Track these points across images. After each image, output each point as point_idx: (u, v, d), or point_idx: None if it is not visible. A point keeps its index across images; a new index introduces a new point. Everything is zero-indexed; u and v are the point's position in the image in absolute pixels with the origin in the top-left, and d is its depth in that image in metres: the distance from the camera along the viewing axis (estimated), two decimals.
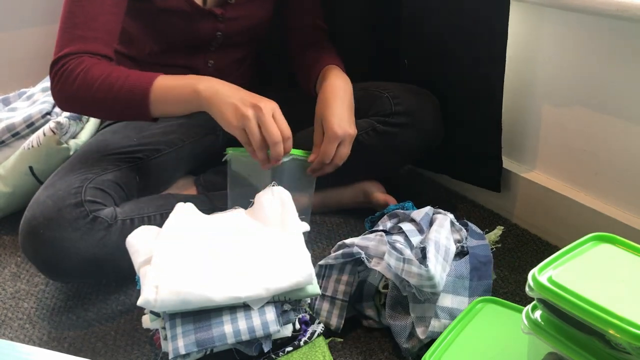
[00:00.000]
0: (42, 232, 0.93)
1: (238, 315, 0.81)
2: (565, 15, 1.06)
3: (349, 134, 1.05)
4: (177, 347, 0.78)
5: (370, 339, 0.93)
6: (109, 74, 0.99)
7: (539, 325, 0.70)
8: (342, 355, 0.90)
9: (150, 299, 0.77)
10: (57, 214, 0.94)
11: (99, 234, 0.96)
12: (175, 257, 0.84)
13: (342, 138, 1.04)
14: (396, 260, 0.87)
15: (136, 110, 1.00)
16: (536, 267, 0.70)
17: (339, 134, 1.03)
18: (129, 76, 0.99)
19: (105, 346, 0.93)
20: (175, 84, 1.00)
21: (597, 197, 1.09)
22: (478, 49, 1.13)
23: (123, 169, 1.07)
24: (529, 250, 1.14)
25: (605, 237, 0.76)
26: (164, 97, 0.99)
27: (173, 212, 0.95)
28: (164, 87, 0.99)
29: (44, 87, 1.40)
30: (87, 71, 0.98)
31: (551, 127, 1.14)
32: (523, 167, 1.22)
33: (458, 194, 1.34)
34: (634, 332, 0.60)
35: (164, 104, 1.00)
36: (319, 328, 0.90)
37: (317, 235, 1.18)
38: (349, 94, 1.11)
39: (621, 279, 0.69)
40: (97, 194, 0.99)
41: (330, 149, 1.04)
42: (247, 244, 0.90)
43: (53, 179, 1.02)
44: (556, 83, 1.11)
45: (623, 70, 0.99)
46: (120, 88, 0.98)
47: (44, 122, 1.26)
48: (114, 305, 1.02)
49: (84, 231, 0.95)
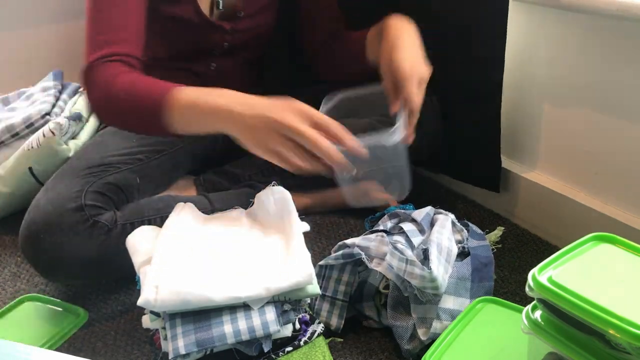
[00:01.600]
0: (42, 236, 0.93)
1: (238, 315, 0.81)
2: (565, 15, 1.06)
3: (422, 74, 0.94)
4: (177, 347, 0.78)
5: (370, 339, 0.93)
6: (131, 84, 0.92)
7: (539, 325, 0.70)
8: (342, 355, 0.90)
9: (150, 299, 0.77)
10: (58, 219, 0.94)
11: (99, 238, 0.96)
12: (175, 257, 0.84)
13: (420, 77, 0.93)
14: (398, 261, 0.87)
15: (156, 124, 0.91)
16: (536, 267, 0.70)
17: (416, 73, 0.92)
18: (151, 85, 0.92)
19: (105, 346, 0.93)
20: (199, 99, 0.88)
21: (597, 197, 1.09)
22: (477, 48, 1.13)
23: (124, 170, 1.06)
24: (529, 250, 1.14)
25: (605, 237, 0.76)
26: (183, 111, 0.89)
27: (173, 212, 0.96)
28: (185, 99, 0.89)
29: (44, 86, 1.40)
30: (111, 80, 0.93)
31: (551, 127, 1.15)
32: (523, 167, 1.22)
33: (458, 193, 1.34)
34: (634, 332, 0.60)
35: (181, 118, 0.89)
36: (319, 328, 0.90)
37: (317, 235, 1.18)
38: (416, 34, 1.00)
39: (621, 279, 0.69)
40: (98, 197, 0.99)
41: (414, 91, 0.91)
42: (247, 244, 0.90)
43: (53, 181, 1.02)
44: (556, 83, 1.11)
45: (623, 70, 0.99)
46: (140, 99, 0.91)
47: (43, 122, 1.25)
48: (114, 305, 1.02)
49: (85, 236, 0.95)
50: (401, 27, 1.00)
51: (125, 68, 0.96)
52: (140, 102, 0.91)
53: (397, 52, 0.95)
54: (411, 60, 0.94)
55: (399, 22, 1.02)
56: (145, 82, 0.93)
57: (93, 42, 0.98)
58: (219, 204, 1.11)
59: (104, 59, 0.96)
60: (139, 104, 0.91)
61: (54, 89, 1.37)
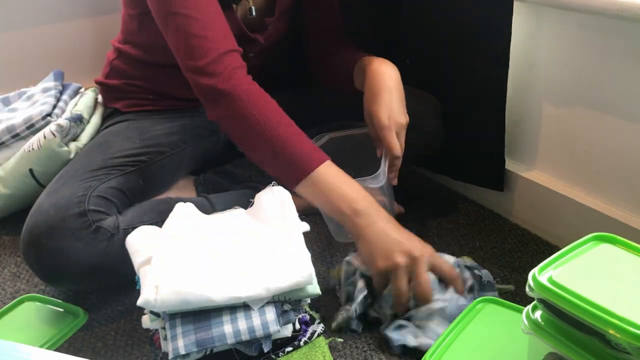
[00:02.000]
0: (44, 241, 0.92)
1: (238, 315, 0.81)
2: (565, 15, 1.05)
3: (399, 124, 1.02)
4: (177, 347, 0.78)
5: (370, 339, 0.93)
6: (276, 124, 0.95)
7: (539, 325, 0.70)
8: (342, 355, 0.90)
9: (150, 299, 0.78)
10: (60, 224, 0.93)
11: (101, 244, 0.95)
12: (175, 257, 0.84)
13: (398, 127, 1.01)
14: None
15: (285, 177, 0.97)
16: (536, 267, 0.70)
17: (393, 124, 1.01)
18: (297, 144, 0.95)
19: (105, 346, 0.93)
20: (337, 184, 0.94)
21: (597, 197, 1.09)
22: (481, 48, 1.13)
23: (127, 173, 1.06)
24: (529, 250, 1.14)
25: (605, 237, 0.76)
26: (318, 188, 0.94)
27: (173, 212, 0.95)
28: (325, 179, 0.94)
29: (44, 87, 1.40)
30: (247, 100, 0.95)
31: (551, 127, 1.14)
32: (523, 167, 1.22)
33: (459, 193, 1.34)
34: (634, 332, 0.60)
35: (314, 193, 0.95)
36: (319, 328, 0.91)
37: (317, 235, 1.18)
38: (395, 79, 1.06)
39: (621, 279, 0.69)
40: (101, 202, 0.98)
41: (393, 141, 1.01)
42: (247, 244, 0.90)
43: (56, 184, 1.01)
44: (556, 83, 1.11)
45: (623, 70, 0.99)
46: (282, 149, 0.94)
47: (44, 123, 1.25)
48: (114, 305, 1.02)
49: (87, 241, 0.94)
50: (381, 76, 1.05)
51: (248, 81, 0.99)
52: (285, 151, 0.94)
53: (375, 104, 1.03)
54: (388, 112, 1.02)
55: (379, 69, 1.07)
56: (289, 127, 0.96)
57: (194, 39, 0.97)
58: (219, 204, 1.11)
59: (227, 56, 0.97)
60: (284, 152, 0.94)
61: (54, 89, 1.37)
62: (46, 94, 1.37)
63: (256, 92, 0.98)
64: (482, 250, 1.13)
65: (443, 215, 1.25)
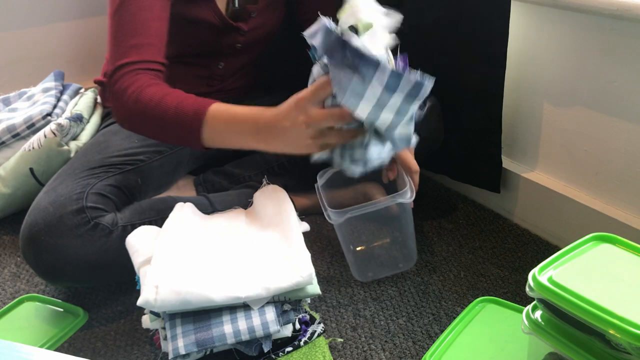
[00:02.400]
0: (43, 238, 0.93)
1: (238, 315, 0.81)
2: (565, 15, 1.06)
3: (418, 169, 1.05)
4: (177, 347, 0.78)
5: (370, 339, 0.93)
6: (162, 97, 0.94)
7: (539, 325, 0.70)
8: (342, 355, 0.90)
9: (150, 299, 0.78)
10: (58, 221, 0.93)
11: (100, 241, 0.95)
12: (175, 257, 0.84)
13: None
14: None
15: (187, 137, 0.95)
16: (536, 267, 0.70)
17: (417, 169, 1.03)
18: (182, 101, 0.94)
19: (105, 346, 0.93)
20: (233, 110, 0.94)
21: (597, 197, 1.09)
22: (479, 48, 1.13)
23: (125, 172, 1.06)
24: (529, 250, 1.14)
25: (605, 237, 0.76)
26: (220, 122, 0.93)
27: (173, 212, 0.96)
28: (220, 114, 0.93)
29: (45, 87, 1.40)
30: (140, 92, 0.95)
31: (551, 127, 1.15)
32: (523, 167, 1.22)
33: (458, 193, 1.34)
34: (634, 332, 0.60)
35: (217, 132, 0.94)
36: (319, 328, 0.91)
37: (317, 235, 1.18)
38: None
39: (621, 279, 0.69)
40: (99, 199, 0.98)
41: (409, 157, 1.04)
42: (247, 244, 0.90)
43: (54, 183, 1.01)
44: (556, 83, 1.11)
45: (623, 70, 0.99)
46: (174, 113, 0.93)
47: (44, 123, 1.26)
48: (114, 305, 1.02)
49: (85, 238, 0.94)
50: None
51: (155, 80, 0.97)
52: (174, 115, 0.93)
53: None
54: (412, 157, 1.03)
55: None
56: (179, 96, 0.95)
57: (119, 46, 0.98)
58: (219, 204, 1.11)
59: (133, 67, 0.96)
60: (175, 117, 0.93)
61: (55, 89, 1.37)
62: (46, 94, 1.37)
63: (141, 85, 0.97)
64: (482, 250, 1.13)
65: (443, 215, 1.25)
